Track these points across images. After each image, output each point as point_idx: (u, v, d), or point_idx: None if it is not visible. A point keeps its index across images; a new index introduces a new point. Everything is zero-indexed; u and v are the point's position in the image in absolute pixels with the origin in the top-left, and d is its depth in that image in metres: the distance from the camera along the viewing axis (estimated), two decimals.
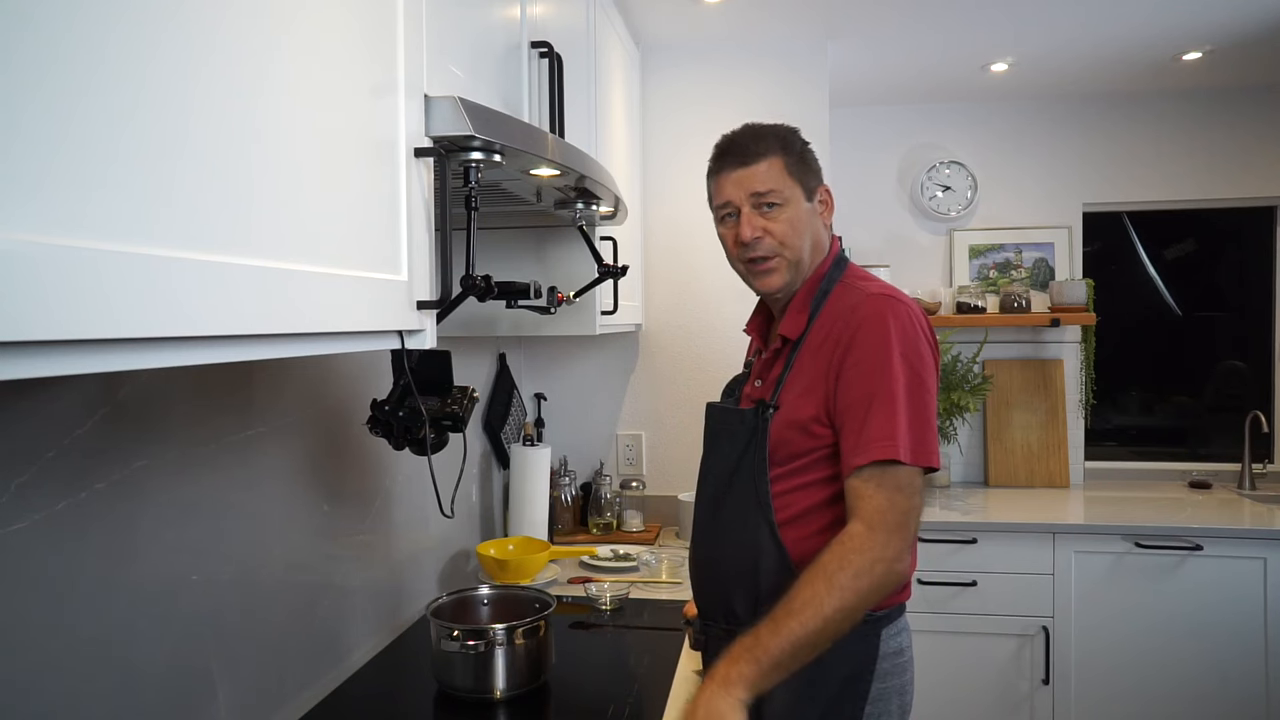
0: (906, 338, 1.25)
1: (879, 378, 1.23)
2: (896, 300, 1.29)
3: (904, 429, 1.21)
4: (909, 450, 1.21)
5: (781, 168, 1.35)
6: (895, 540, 1.20)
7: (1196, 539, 2.62)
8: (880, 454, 1.21)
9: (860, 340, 1.25)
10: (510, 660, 1.46)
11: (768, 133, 1.38)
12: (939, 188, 3.38)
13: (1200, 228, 3.46)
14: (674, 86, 2.72)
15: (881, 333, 1.25)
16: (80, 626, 1.00)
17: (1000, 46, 2.76)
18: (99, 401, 1.03)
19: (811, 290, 1.37)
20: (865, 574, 1.18)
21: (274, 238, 0.68)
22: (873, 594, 1.19)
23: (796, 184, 1.36)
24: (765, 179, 1.35)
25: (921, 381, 1.24)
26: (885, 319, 1.26)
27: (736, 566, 1.34)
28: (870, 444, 1.22)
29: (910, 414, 1.22)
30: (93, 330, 0.49)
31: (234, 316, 0.62)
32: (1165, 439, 3.49)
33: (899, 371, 1.23)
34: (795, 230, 1.35)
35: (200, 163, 0.59)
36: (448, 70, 1.10)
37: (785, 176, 1.35)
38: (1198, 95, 3.23)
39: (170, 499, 1.16)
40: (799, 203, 1.36)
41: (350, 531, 1.66)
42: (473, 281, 1.05)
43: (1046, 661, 2.69)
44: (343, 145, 0.79)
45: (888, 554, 1.19)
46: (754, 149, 1.36)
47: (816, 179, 1.40)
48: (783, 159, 1.36)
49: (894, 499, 1.21)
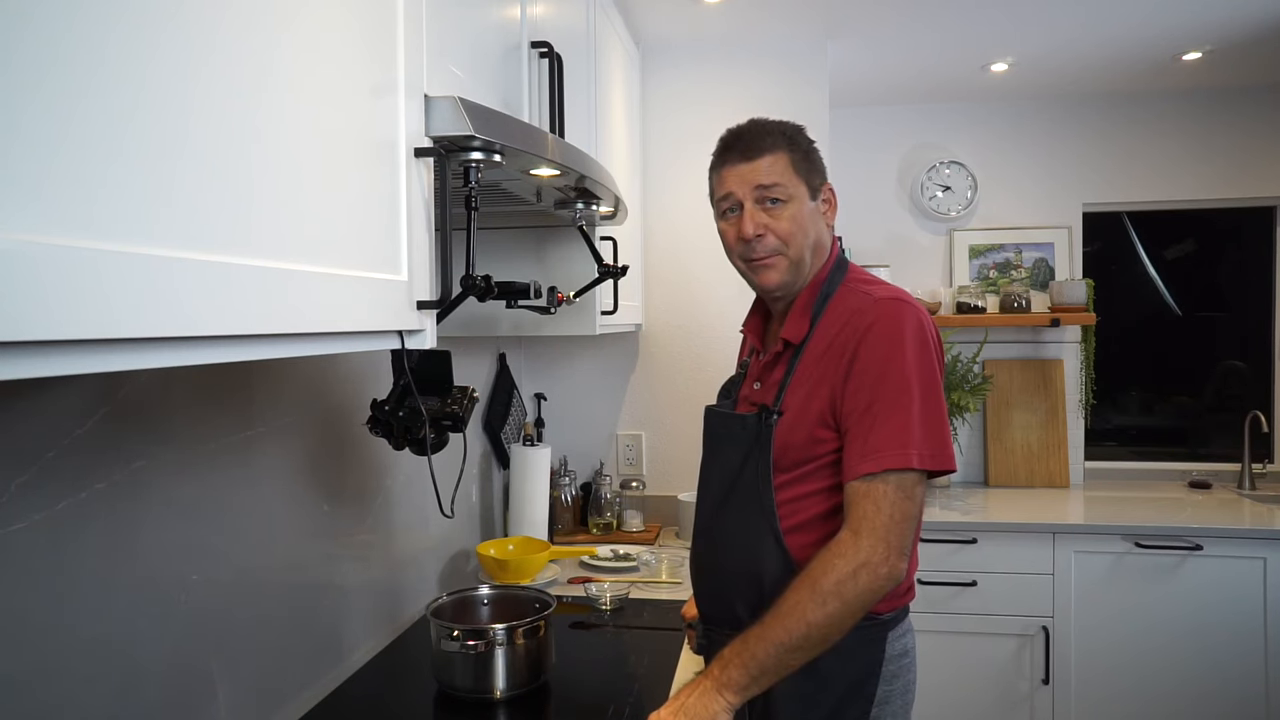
0: (918, 341, 1.23)
1: (891, 382, 1.21)
2: (906, 303, 1.26)
3: (918, 433, 1.19)
4: (922, 455, 1.19)
5: (787, 163, 1.33)
6: (881, 545, 1.17)
7: (1196, 539, 2.62)
8: (892, 462, 1.18)
9: (870, 344, 1.23)
10: (510, 660, 1.46)
11: (774, 128, 1.35)
12: (939, 188, 3.38)
13: (1200, 228, 3.46)
14: (674, 86, 2.72)
15: (893, 336, 1.22)
16: (80, 626, 1.00)
17: (1000, 46, 2.76)
18: (99, 402, 1.03)
19: (814, 293, 1.35)
20: (849, 580, 1.16)
21: (274, 238, 0.68)
22: (860, 600, 1.17)
23: (801, 181, 1.33)
24: (770, 173, 1.32)
25: (935, 384, 1.23)
26: (896, 323, 1.23)
27: (741, 573, 1.32)
28: (880, 451, 1.19)
29: (925, 417, 1.20)
30: (93, 330, 0.49)
31: (234, 316, 0.62)
32: (1165, 439, 3.48)
33: (913, 375, 1.21)
34: (799, 228, 1.33)
35: (200, 163, 0.59)
36: (448, 70, 1.10)
37: (790, 173, 1.33)
38: (1198, 95, 3.23)
39: (170, 499, 1.16)
40: (803, 200, 1.33)
41: (350, 531, 1.66)
42: (473, 281, 1.04)
43: (1046, 661, 2.69)
44: (343, 145, 0.79)
45: (873, 559, 1.17)
46: (759, 143, 1.33)
47: (821, 177, 1.38)
48: (789, 155, 1.33)
49: (884, 504, 1.18)
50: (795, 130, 1.37)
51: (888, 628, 1.30)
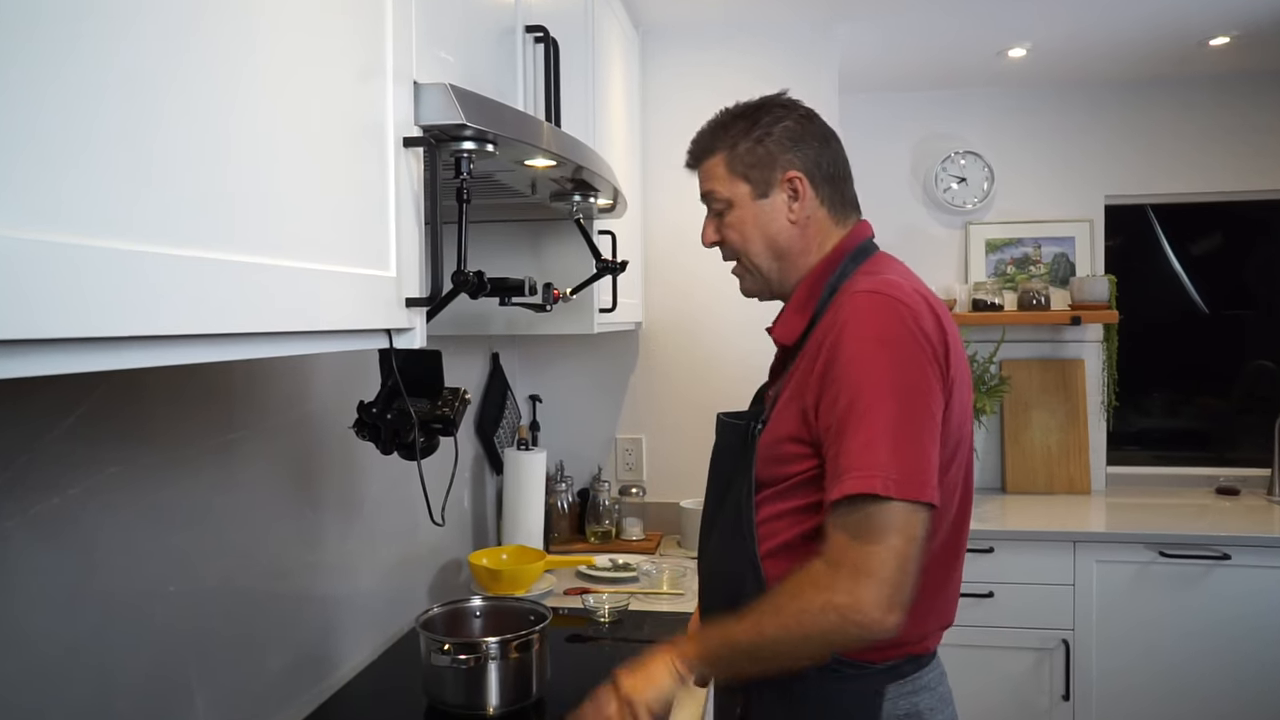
0: (898, 339, 1.10)
1: (858, 391, 1.08)
2: (883, 295, 1.13)
3: (886, 454, 1.05)
4: (892, 481, 1.04)
5: (722, 166, 1.28)
6: (860, 588, 1.04)
7: (1224, 548, 2.62)
8: (855, 487, 1.05)
9: (842, 345, 1.12)
10: (503, 675, 1.47)
11: (716, 129, 1.31)
12: (954, 179, 3.38)
13: (1228, 221, 3.46)
14: (675, 72, 2.72)
15: (865, 335, 1.11)
16: (53, 638, 1.00)
17: (1018, 30, 2.76)
18: (72, 404, 1.03)
19: (814, 288, 1.26)
20: (812, 615, 1.06)
21: (255, 232, 0.68)
22: (821, 640, 1.08)
23: (740, 180, 1.27)
24: (707, 179, 1.31)
25: (917, 393, 1.09)
26: (869, 318, 1.12)
27: (723, 597, 1.26)
28: (844, 473, 1.07)
29: (896, 434, 1.06)
30: (64, 329, 0.49)
31: (213, 314, 0.62)
32: (1191, 443, 3.48)
33: (883, 382, 1.08)
34: (743, 235, 1.29)
35: (176, 152, 0.59)
36: (438, 56, 1.10)
37: (725, 176, 1.28)
38: (1225, 82, 3.23)
39: (147, 505, 1.16)
40: (744, 203, 1.28)
41: (336, 539, 1.66)
42: (464, 277, 1.05)
43: (1067, 676, 2.69)
44: (328, 134, 0.80)
45: (846, 601, 1.04)
46: (697, 148, 1.32)
47: (771, 169, 1.26)
48: (724, 154, 1.28)
49: (867, 541, 1.05)
50: (735, 120, 1.29)
51: (884, 680, 1.18)
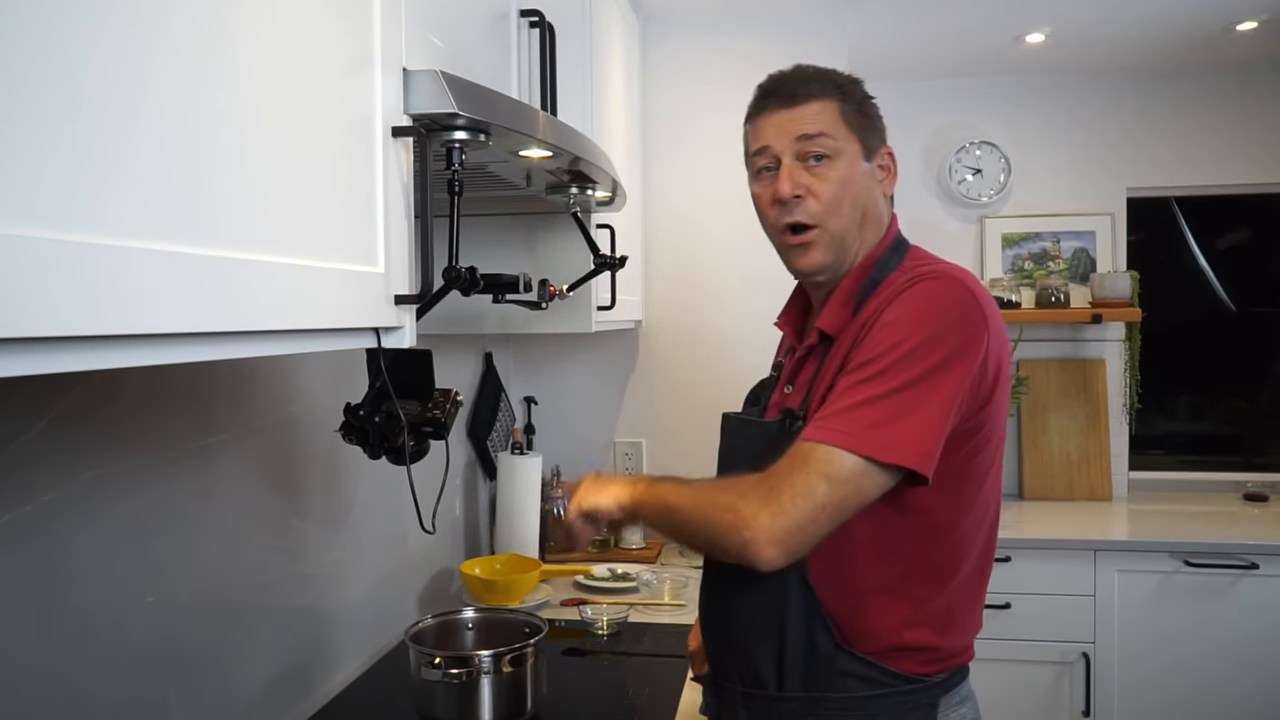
0: (953, 319, 1.11)
1: (886, 354, 1.09)
2: (954, 279, 1.15)
3: (873, 414, 1.07)
4: (863, 438, 1.05)
5: (836, 113, 1.23)
6: (764, 511, 1.06)
7: (1252, 557, 2.62)
8: (818, 434, 1.08)
9: (887, 314, 1.13)
10: (497, 690, 1.46)
11: (823, 74, 1.27)
12: (969, 170, 3.38)
13: (1256, 214, 3.46)
14: (677, 59, 2.72)
15: (920, 308, 1.12)
16: (23, 653, 1.00)
17: (1036, 14, 2.76)
18: (44, 406, 1.03)
19: (861, 278, 1.24)
20: (718, 510, 1.11)
21: (237, 226, 0.68)
22: (711, 534, 1.12)
23: (854, 136, 1.23)
24: (815, 121, 1.22)
25: (947, 374, 1.08)
26: (931, 293, 1.13)
27: (760, 618, 1.21)
28: (824, 422, 1.09)
29: (900, 401, 1.07)
30: (36, 327, 0.49)
31: (193, 312, 0.62)
32: (1217, 447, 3.49)
33: (916, 351, 1.08)
34: (845, 192, 1.22)
35: (155, 142, 0.59)
36: (429, 41, 1.10)
37: (840, 124, 1.23)
38: (1253, 69, 3.23)
39: (124, 513, 1.16)
40: (855, 160, 1.23)
41: (322, 548, 1.66)
42: (456, 274, 1.04)
43: (1087, 691, 2.69)
44: (313, 124, 0.79)
45: (747, 513, 1.07)
46: (804, 89, 1.24)
47: (879, 138, 1.28)
48: (839, 103, 1.23)
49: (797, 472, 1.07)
50: (849, 80, 1.28)
51: (937, 693, 1.20)
